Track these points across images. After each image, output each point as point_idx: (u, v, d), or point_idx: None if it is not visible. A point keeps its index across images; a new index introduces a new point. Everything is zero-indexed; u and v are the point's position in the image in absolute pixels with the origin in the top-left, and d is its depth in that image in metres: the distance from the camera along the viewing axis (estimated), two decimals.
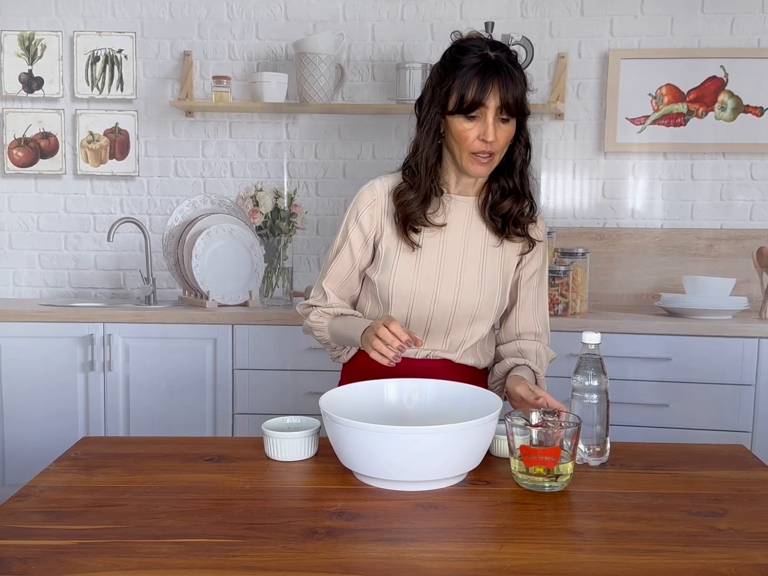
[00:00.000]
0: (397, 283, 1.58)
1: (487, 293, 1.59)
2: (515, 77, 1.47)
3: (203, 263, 2.83)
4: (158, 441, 1.55)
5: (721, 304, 2.68)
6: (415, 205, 1.56)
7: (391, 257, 1.59)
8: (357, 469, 1.29)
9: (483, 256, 1.60)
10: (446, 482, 1.27)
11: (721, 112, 3.02)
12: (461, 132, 1.49)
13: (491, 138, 1.47)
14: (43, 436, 2.72)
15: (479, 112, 1.47)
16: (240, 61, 3.18)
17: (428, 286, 1.58)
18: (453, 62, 1.48)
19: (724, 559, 1.02)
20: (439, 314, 1.59)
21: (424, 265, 1.58)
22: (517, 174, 1.59)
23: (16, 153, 3.20)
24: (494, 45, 1.49)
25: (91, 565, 1.00)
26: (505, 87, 1.45)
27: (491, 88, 1.44)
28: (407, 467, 1.24)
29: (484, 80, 1.44)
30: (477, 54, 1.46)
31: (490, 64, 1.45)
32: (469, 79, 1.45)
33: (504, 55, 1.48)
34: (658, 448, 1.52)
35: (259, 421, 1.48)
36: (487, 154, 1.50)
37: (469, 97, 1.45)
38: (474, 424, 1.23)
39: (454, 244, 1.60)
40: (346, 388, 1.47)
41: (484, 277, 1.60)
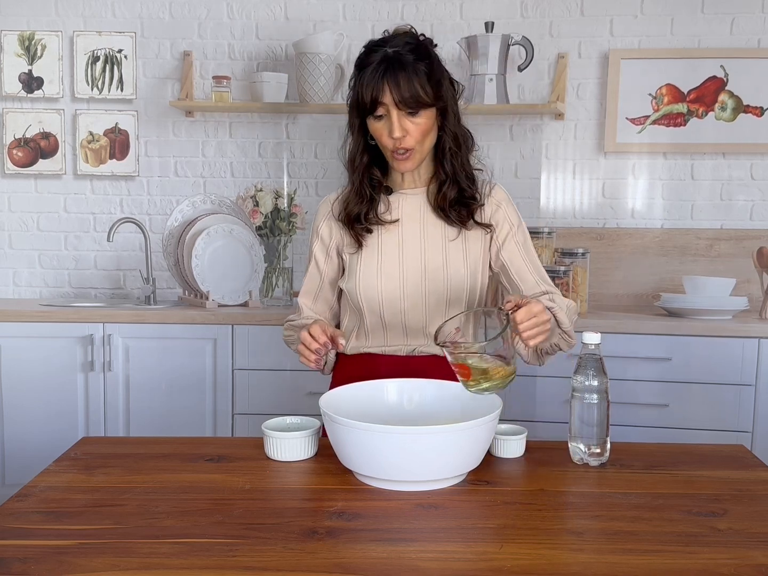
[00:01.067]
0: (363, 287, 1.59)
1: (453, 280, 1.59)
2: (410, 70, 1.45)
3: (203, 263, 2.83)
4: (158, 441, 1.55)
5: (721, 304, 2.68)
6: (353, 205, 1.59)
7: (354, 264, 1.61)
8: (357, 469, 1.29)
9: (444, 245, 1.60)
10: (446, 482, 1.27)
11: (721, 112, 3.02)
12: (374, 132, 1.52)
13: (397, 134, 1.48)
14: (43, 436, 2.71)
15: (383, 110, 1.48)
16: (240, 61, 3.18)
17: (393, 284, 1.59)
18: (360, 64, 1.51)
19: (724, 559, 1.02)
20: (411, 309, 1.59)
21: (385, 265, 1.60)
22: (448, 162, 1.57)
23: (16, 153, 3.20)
24: (398, 40, 1.49)
25: (91, 565, 1.00)
26: (396, 83, 1.45)
27: (384, 86, 1.45)
28: (407, 467, 1.23)
29: (376, 79, 1.45)
30: (378, 53, 1.47)
31: (384, 61, 1.46)
32: (366, 80, 1.47)
33: (407, 48, 1.47)
34: (658, 448, 1.52)
35: (259, 421, 1.48)
36: (403, 149, 1.51)
37: (367, 98, 1.47)
38: (474, 424, 1.23)
39: (413, 239, 1.60)
40: (346, 388, 1.46)
41: (448, 263, 1.59)
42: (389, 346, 1.63)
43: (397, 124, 1.47)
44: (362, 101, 1.48)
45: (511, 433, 1.45)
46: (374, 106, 1.47)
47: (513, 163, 3.13)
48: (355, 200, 1.59)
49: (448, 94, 1.53)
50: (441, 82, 1.51)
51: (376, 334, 1.63)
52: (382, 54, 1.47)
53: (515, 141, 3.13)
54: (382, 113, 1.48)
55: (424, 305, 1.59)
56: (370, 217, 1.60)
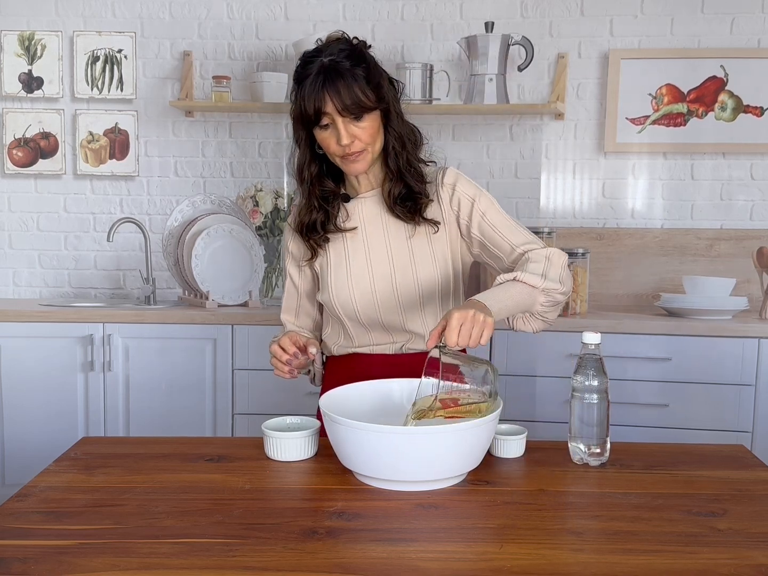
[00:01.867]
0: (337, 297, 1.61)
1: (422, 274, 1.59)
2: (348, 76, 1.46)
3: (203, 263, 2.83)
4: (158, 441, 1.55)
5: (721, 304, 2.68)
6: (304, 215, 1.61)
7: (325, 275, 1.63)
8: (357, 469, 1.29)
9: (408, 242, 1.61)
10: (446, 482, 1.27)
11: (721, 112, 3.02)
12: (322, 141, 1.52)
13: (345, 141, 1.48)
14: (43, 436, 2.71)
15: (328, 120, 1.48)
16: (240, 61, 3.18)
17: (364, 289, 1.60)
18: (298, 77, 1.51)
19: (724, 559, 1.02)
20: (386, 310, 1.60)
21: (354, 271, 1.61)
22: (393, 160, 1.57)
23: (16, 153, 3.20)
24: (332, 48, 1.49)
25: (91, 565, 1.00)
26: (337, 92, 1.45)
27: (325, 96, 1.45)
28: (406, 467, 1.23)
29: (315, 90, 1.46)
30: (315, 63, 1.48)
31: (322, 72, 1.46)
32: (306, 93, 1.47)
33: (342, 55, 1.48)
34: (658, 448, 1.52)
35: (259, 421, 1.48)
36: (354, 153, 1.51)
37: (310, 110, 1.47)
38: (474, 425, 1.23)
39: (377, 241, 1.61)
40: (346, 388, 1.47)
41: (415, 259, 1.60)
42: (376, 345, 1.65)
43: (344, 131, 1.48)
44: (306, 113, 1.48)
45: (511, 433, 1.45)
46: (318, 116, 1.48)
47: (513, 163, 3.13)
48: (306, 211, 1.61)
49: (389, 94, 1.54)
50: (380, 83, 1.52)
51: (360, 336, 1.65)
52: (318, 64, 1.47)
53: (515, 141, 3.13)
54: (327, 122, 1.49)
55: (398, 303, 1.60)
56: (329, 227, 1.61)
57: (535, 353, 2.63)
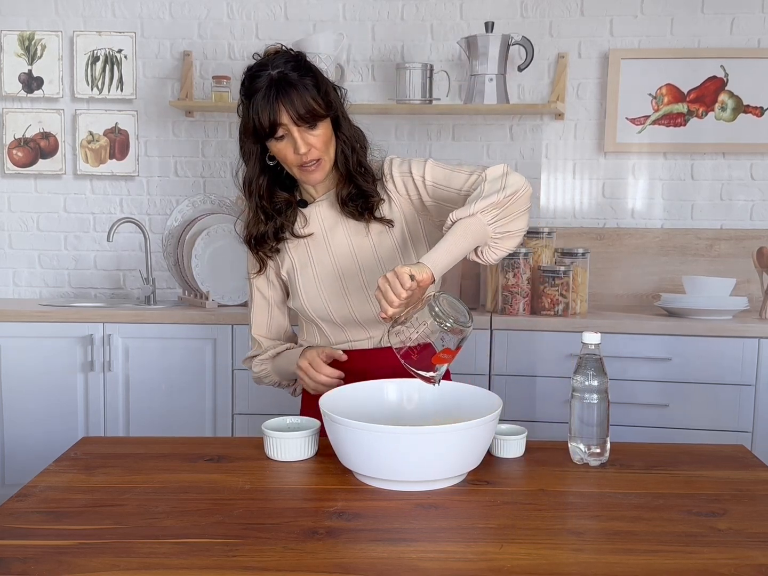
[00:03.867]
0: (308, 302, 1.64)
1: (386, 260, 1.61)
2: (299, 86, 1.48)
3: (203, 263, 2.83)
4: (158, 441, 1.55)
5: (721, 304, 2.68)
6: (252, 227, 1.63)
7: (294, 282, 1.66)
8: (356, 469, 1.29)
9: (369, 238, 1.62)
10: (446, 482, 1.27)
11: (721, 112, 3.02)
12: (278, 153, 1.54)
13: (303, 150, 1.50)
14: (43, 436, 2.71)
15: (283, 131, 1.50)
16: (240, 61, 3.17)
17: (334, 290, 1.63)
18: (246, 92, 1.52)
19: (724, 559, 1.02)
20: (358, 306, 1.62)
21: (321, 274, 1.64)
22: (342, 163, 1.59)
23: (16, 153, 3.20)
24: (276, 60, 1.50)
25: (91, 565, 1.00)
26: (291, 102, 1.47)
27: (279, 108, 1.47)
28: (406, 467, 1.23)
29: (270, 102, 1.47)
30: (263, 77, 1.49)
31: (272, 84, 1.48)
32: (258, 106, 1.48)
33: (288, 67, 1.49)
34: (658, 448, 1.52)
35: (259, 421, 1.48)
36: (312, 161, 1.53)
37: (265, 123, 1.48)
38: (474, 425, 1.23)
39: (339, 241, 1.63)
40: (347, 388, 1.47)
41: (379, 253, 1.62)
42: (354, 341, 1.66)
43: (300, 140, 1.49)
44: (260, 126, 1.49)
45: (511, 433, 1.45)
46: (274, 128, 1.49)
47: (513, 163, 3.13)
48: (254, 223, 1.63)
49: (336, 101, 1.56)
50: (328, 91, 1.54)
51: (336, 334, 1.67)
52: (267, 78, 1.48)
53: (515, 141, 3.12)
54: (282, 134, 1.50)
55: (369, 298, 1.61)
56: (285, 235, 1.63)
57: (535, 353, 2.63)
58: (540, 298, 2.73)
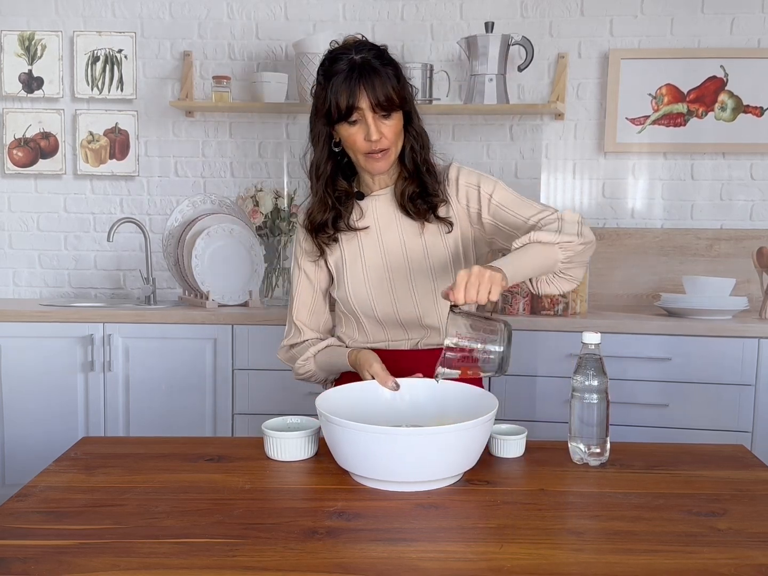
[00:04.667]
0: (353, 294, 1.63)
1: (438, 270, 1.62)
2: (382, 74, 1.49)
3: (203, 263, 2.83)
4: (158, 441, 1.55)
5: (721, 304, 2.68)
6: (317, 213, 1.61)
7: (341, 272, 1.65)
8: (352, 469, 1.28)
9: (422, 239, 1.62)
10: (442, 483, 1.27)
11: (721, 112, 3.02)
12: (348, 138, 1.53)
13: (375, 137, 1.50)
14: (43, 436, 2.71)
15: (358, 115, 1.50)
16: (240, 61, 3.18)
17: (381, 285, 1.62)
18: (325, 73, 1.53)
19: (724, 559, 1.02)
20: (403, 306, 1.62)
21: (370, 268, 1.63)
22: (410, 161, 1.60)
23: (16, 153, 3.20)
24: (360, 47, 1.52)
25: (91, 565, 1.00)
26: (372, 87, 1.48)
27: (360, 91, 1.48)
28: (401, 468, 1.23)
29: (351, 85, 1.48)
30: (345, 60, 1.50)
31: (355, 67, 1.49)
32: (338, 87, 1.49)
33: (371, 54, 1.51)
34: (658, 448, 1.52)
35: (259, 421, 1.48)
36: (379, 150, 1.53)
37: (343, 104, 1.49)
38: (470, 426, 1.22)
39: (391, 238, 1.63)
40: (342, 389, 1.47)
41: (430, 256, 1.62)
42: (392, 341, 1.66)
43: (374, 127, 1.50)
44: (337, 108, 1.50)
45: (511, 433, 1.45)
46: (350, 111, 1.49)
47: (513, 163, 3.13)
48: (319, 209, 1.62)
49: (410, 97, 1.57)
50: (405, 85, 1.55)
51: (375, 332, 1.66)
52: (349, 61, 1.50)
53: (515, 141, 3.13)
54: (356, 118, 1.50)
55: (414, 299, 1.62)
56: (340, 225, 1.62)
57: (535, 353, 2.63)
58: (540, 297, 2.73)
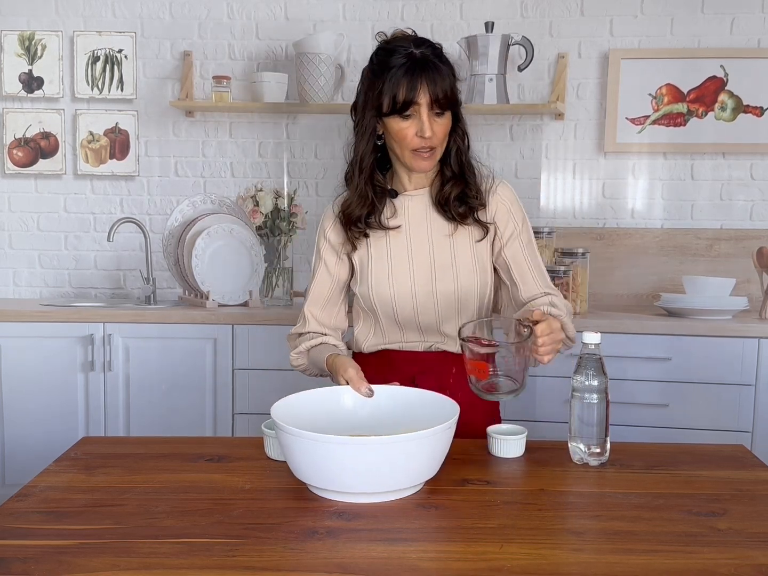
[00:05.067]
0: (376, 291, 1.61)
1: (462, 278, 1.60)
2: (442, 71, 1.49)
3: (203, 263, 2.83)
4: (158, 441, 1.55)
5: (721, 304, 2.68)
6: (354, 207, 1.59)
7: (365, 268, 1.63)
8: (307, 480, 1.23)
9: (451, 244, 1.61)
10: (399, 493, 1.22)
11: (721, 112, 3.02)
12: (399, 131, 1.51)
13: (428, 133, 1.49)
14: (43, 436, 2.71)
15: (413, 110, 1.49)
16: (240, 61, 3.18)
17: (404, 286, 1.60)
18: (381, 65, 1.51)
19: (724, 559, 1.02)
20: (423, 310, 1.61)
21: (395, 268, 1.61)
22: (456, 162, 1.59)
23: (16, 153, 3.20)
24: (418, 42, 1.51)
25: (91, 565, 1.00)
26: (433, 82, 1.47)
27: (420, 86, 1.47)
28: (357, 479, 1.18)
29: (413, 79, 1.47)
30: (403, 54, 1.48)
31: (416, 62, 1.47)
32: (398, 80, 1.47)
33: (429, 51, 1.50)
34: (658, 448, 1.52)
35: (259, 421, 1.48)
36: (428, 148, 1.52)
37: (401, 97, 1.47)
38: (431, 433, 1.18)
39: (420, 239, 1.62)
40: (300, 396, 1.41)
41: (456, 263, 1.60)
42: (406, 342, 1.65)
43: (428, 123, 1.48)
44: (393, 100, 1.48)
45: (511, 433, 1.45)
46: (407, 104, 1.48)
47: (513, 163, 3.13)
48: (357, 203, 1.59)
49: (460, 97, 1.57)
50: (457, 86, 1.55)
51: (392, 332, 1.65)
52: (408, 54, 1.48)
53: (515, 141, 3.13)
54: (410, 113, 1.49)
55: (436, 305, 1.61)
56: (371, 221, 1.60)
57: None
58: None
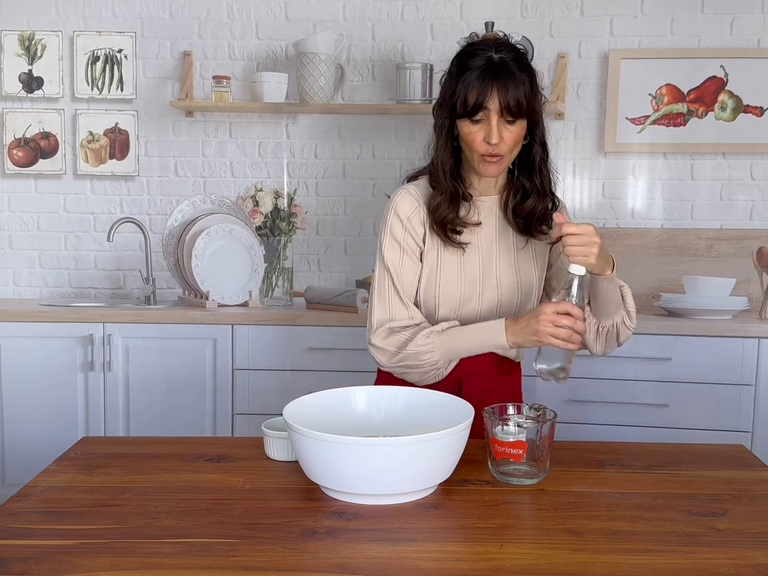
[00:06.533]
0: (444, 290, 1.58)
1: (524, 286, 1.62)
2: (517, 78, 1.46)
3: (203, 263, 2.83)
4: (158, 441, 1.55)
5: (721, 304, 2.68)
6: (444, 207, 1.56)
7: (435, 265, 1.59)
8: (319, 481, 1.22)
9: (515, 253, 1.62)
10: (414, 495, 1.21)
11: (721, 112, 3.02)
12: (468, 135, 1.50)
13: (495, 140, 1.47)
14: (43, 436, 2.71)
15: (483, 115, 1.47)
16: (240, 61, 3.18)
17: (473, 288, 1.59)
18: (459, 66, 1.50)
19: (724, 559, 1.02)
20: (485, 315, 1.60)
21: (466, 268, 1.59)
22: (537, 173, 1.57)
23: (16, 153, 3.20)
24: (500, 46, 1.49)
25: (91, 565, 1.00)
26: (504, 89, 1.44)
27: (491, 91, 1.45)
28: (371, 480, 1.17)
29: (484, 83, 1.45)
30: (481, 57, 1.47)
31: (491, 66, 1.46)
32: (470, 83, 1.46)
33: (511, 56, 1.48)
34: (658, 448, 1.52)
35: (259, 421, 1.48)
36: (496, 155, 1.50)
37: (471, 101, 1.46)
38: (445, 435, 1.17)
39: (488, 243, 1.61)
40: (312, 397, 1.39)
41: (519, 271, 1.62)
42: None
43: (496, 130, 1.46)
44: (463, 103, 1.46)
45: None
46: (477, 109, 1.46)
47: None
48: (447, 203, 1.55)
49: (539, 109, 1.54)
50: (537, 96, 1.52)
51: None
52: (486, 58, 1.46)
53: None
54: (480, 118, 1.47)
55: (497, 313, 1.61)
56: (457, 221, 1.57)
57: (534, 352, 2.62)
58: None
